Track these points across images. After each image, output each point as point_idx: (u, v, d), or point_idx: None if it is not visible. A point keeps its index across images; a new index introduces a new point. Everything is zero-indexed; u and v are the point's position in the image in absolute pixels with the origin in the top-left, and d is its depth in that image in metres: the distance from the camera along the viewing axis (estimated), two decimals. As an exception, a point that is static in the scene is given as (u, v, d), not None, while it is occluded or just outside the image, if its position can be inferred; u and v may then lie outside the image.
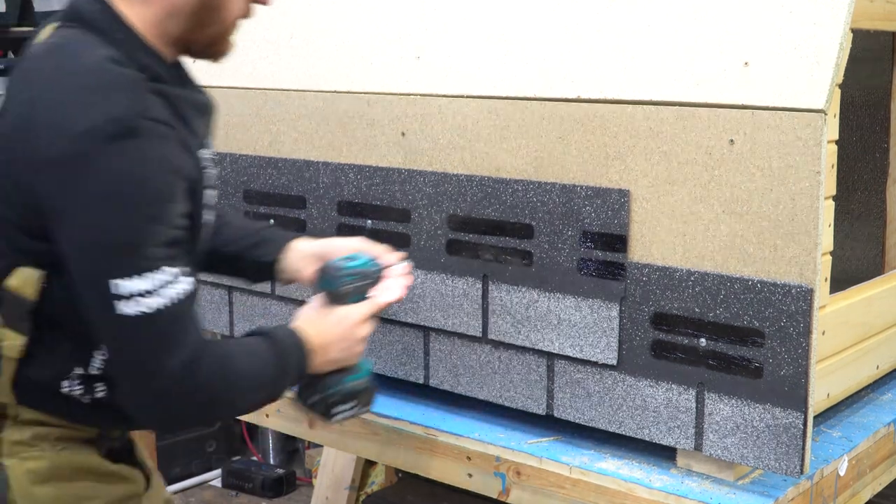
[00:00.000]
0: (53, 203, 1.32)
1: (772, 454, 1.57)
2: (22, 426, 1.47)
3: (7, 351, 1.43)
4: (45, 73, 1.37)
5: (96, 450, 1.52)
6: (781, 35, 1.57)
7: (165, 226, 1.34)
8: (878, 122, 2.34)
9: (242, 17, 1.52)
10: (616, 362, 1.70)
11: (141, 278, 1.31)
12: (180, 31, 1.46)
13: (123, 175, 1.30)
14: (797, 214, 1.51)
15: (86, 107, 1.30)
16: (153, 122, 1.33)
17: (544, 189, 1.75)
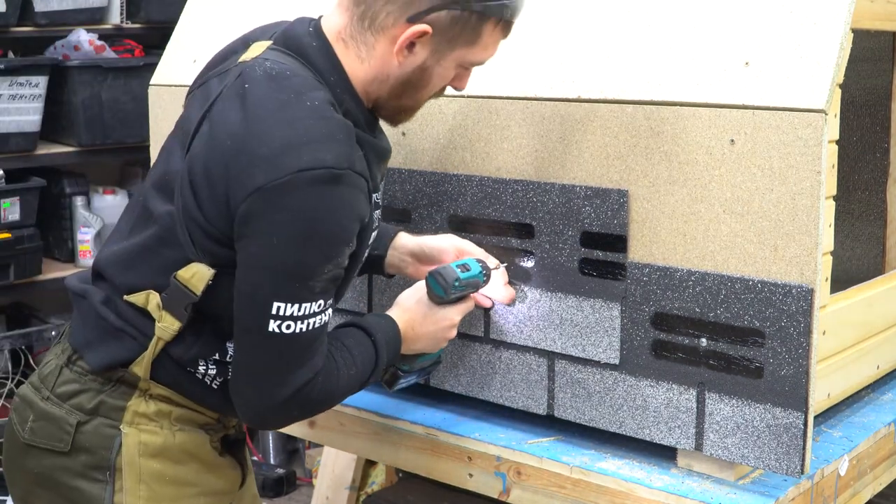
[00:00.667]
0: (251, 223, 1.43)
1: (772, 454, 1.57)
2: (149, 400, 1.57)
3: (161, 332, 1.54)
4: (266, 102, 1.47)
5: (209, 437, 1.63)
6: (782, 35, 1.57)
7: (334, 265, 1.48)
8: (879, 121, 2.34)
9: (435, 96, 1.65)
10: (618, 362, 1.70)
11: (298, 306, 1.45)
12: (379, 94, 1.58)
13: (317, 215, 1.43)
14: (798, 214, 1.51)
15: (303, 150, 1.42)
16: (355, 175, 1.46)
17: (544, 189, 1.75)
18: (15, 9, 3.75)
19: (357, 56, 1.55)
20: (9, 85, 3.62)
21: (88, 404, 1.56)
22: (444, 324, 1.71)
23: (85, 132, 3.85)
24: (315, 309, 1.47)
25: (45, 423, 1.58)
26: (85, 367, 1.58)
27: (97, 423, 1.56)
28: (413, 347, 1.71)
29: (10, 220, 3.66)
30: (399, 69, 1.54)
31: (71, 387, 1.58)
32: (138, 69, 3.87)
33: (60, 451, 1.56)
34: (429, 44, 1.53)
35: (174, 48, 2.40)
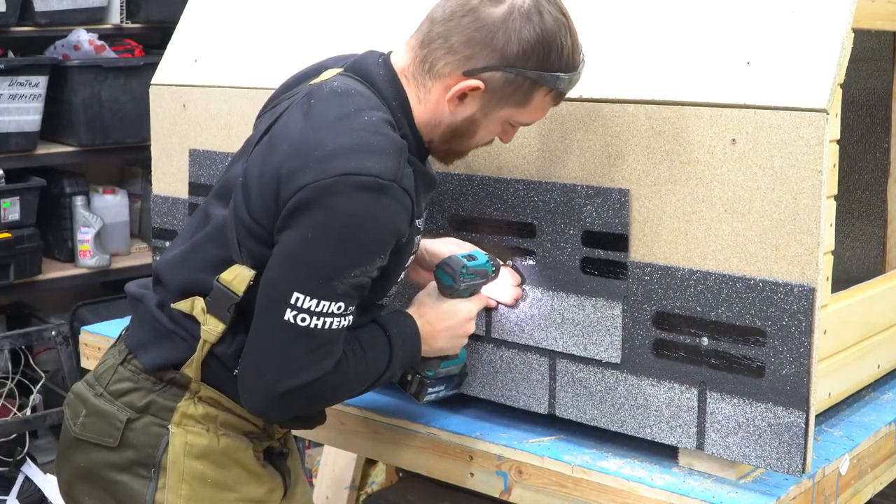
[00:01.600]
0: (293, 216, 1.49)
1: (773, 453, 1.57)
2: (198, 402, 1.62)
3: (206, 335, 1.59)
4: (327, 113, 1.54)
5: (253, 445, 1.66)
6: (783, 35, 1.57)
7: (361, 272, 1.51)
8: (879, 121, 2.34)
9: (483, 145, 1.71)
10: (620, 361, 1.70)
11: (317, 301, 1.49)
12: (432, 136, 1.65)
13: (354, 220, 1.47)
14: (799, 214, 1.51)
15: (353, 156, 1.48)
16: (401, 190, 1.51)
17: (546, 188, 1.75)
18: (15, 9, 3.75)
19: (416, 95, 1.62)
20: (9, 85, 3.62)
21: (140, 402, 1.61)
22: (460, 316, 1.73)
23: (85, 132, 3.86)
24: (334, 310, 1.50)
25: (96, 419, 1.63)
26: (139, 367, 1.63)
27: (146, 422, 1.61)
28: (433, 346, 1.73)
29: (10, 219, 3.67)
30: (450, 117, 1.61)
31: (124, 385, 1.63)
32: (138, 69, 3.87)
33: (108, 447, 1.61)
34: (479, 99, 1.59)
35: (175, 48, 2.40)
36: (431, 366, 1.76)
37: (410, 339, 1.69)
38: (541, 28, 1.55)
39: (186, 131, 2.30)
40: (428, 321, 1.72)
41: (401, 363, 1.69)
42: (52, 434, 4.17)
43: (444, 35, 1.57)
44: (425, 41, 1.60)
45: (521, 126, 1.67)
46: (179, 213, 2.32)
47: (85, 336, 2.48)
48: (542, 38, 1.55)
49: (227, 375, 1.61)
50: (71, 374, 3.63)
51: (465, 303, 1.74)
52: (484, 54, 1.55)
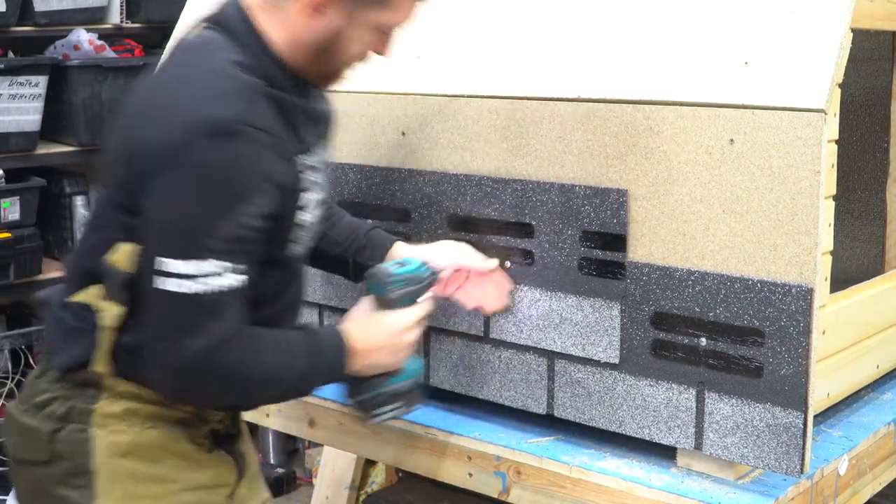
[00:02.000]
0: (147, 184, 1.43)
1: (772, 453, 1.57)
2: (116, 399, 1.55)
3: (106, 321, 1.52)
4: (172, 70, 1.52)
5: (190, 433, 1.59)
6: (782, 35, 1.57)
7: (231, 223, 1.43)
8: (878, 121, 2.34)
9: (358, 62, 1.61)
10: (618, 361, 1.70)
11: (185, 262, 1.41)
12: (299, 60, 1.55)
13: (206, 169, 1.41)
14: (797, 214, 1.51)
15: (196, 105, 1.43)
16: (252, 129, 1.43)
17: (544, 189, 1.75)
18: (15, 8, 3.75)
19: (278, 23, 1.53)
20: (9, 85, 3.61)
21: (60, 411, 1.56)
22: (396, 327, 1.64)
23: (85, 132, 3.85)
24: (212, 269, 1.42)
25: (25, 437, 1.58)
26: (55, 375, 1.57)
27: (69, 430, 1.55)
28: (372, 361, 1.63)
29: (10, 219, 3.66)
30: (312, 34, 1.52)
31: (44, 396, 1.58)
32: (138, 69, 3.86)
33: (42, 462, 1.56)
34: (338, 7, 1.51)
35: (174, 48, 2.40)
36: (375, 384, 1.65)
37: (337, 348, 1.59)
38: None
39: (185, 131, 2.29)
40: (362, 335, 1.62)
41: (328, 373, 1.59)
42: (52, 434, 4.17)
43: None
44: None
45: (392, 31, 1.58)
46: (178, 213, 2.32)
47: (84, 336, 2.47)
48: None
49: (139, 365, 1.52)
50: (71, 374, 3.63)
51: (399, 313, 1.66)
52: None
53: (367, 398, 1.67)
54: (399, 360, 1.66)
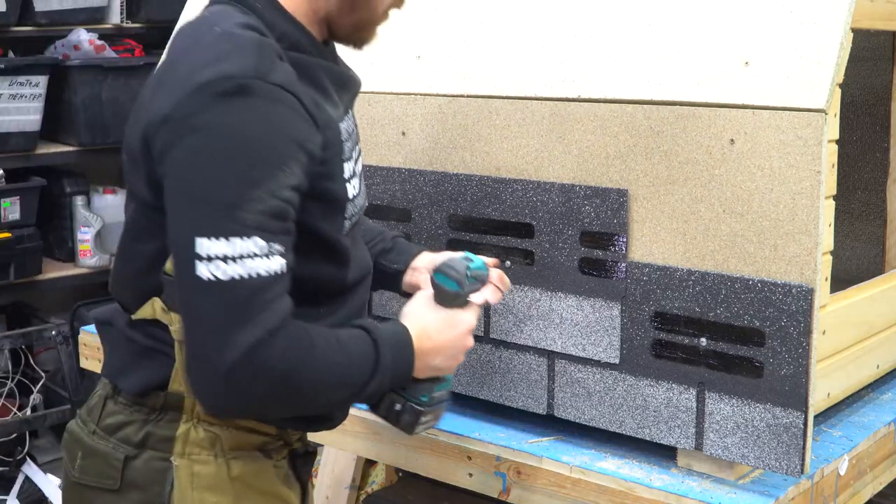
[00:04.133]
0: (166, 157, 1.29)
1: (772, 454, 1.57)
2: (198, 424, 1.43)
3: (178, 334, 1.39)
4: (181, 43, 1.39)
5: (272, 460, 1.48)
6: (782, 35, 1.57)
7: (268, 193, 1.26)
8: (879, 121, 2.34)
9: (394, 6, 1.49)
10: (618, 361, 1.70)
11: (226, 242, 1.24)
12: (328, 11, 1.44)
13: (228, 130, 1.26)
14: (797, 214, 1.51)
15: (204, 66, 1.29)
16: (270, 85, 1.29)
17: (544, 189, 1.75)
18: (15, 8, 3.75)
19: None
20: (9, 85, 3.62)
21: (136, 437, 1.44)
22: (461, 328, 1.51)
23: (85, 132, 3.86)
24: (253, 249, 1.25)
25: (93, 460, 1.46)
26: (127, 398, 1.46)
27: (147, 457, 1.43)
28: (431, 363, 1.48)
29: (10, 219, 3.67)
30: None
31: (117, 419, 1.46)
32: (138, 69, 3.87)
33: (110, 489, 1.44)
34: None
35: (174, 48, 2.40)
36: (425, 390, 1.50)
37: (402, 346, 1.44)
38: None
39: (185, 131, 2.29)
40: (427, 334, 1.47)
41: (391, 375, 1.42)
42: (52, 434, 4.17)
43: None
44: None
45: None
46: (178, 213, 2.32)
47: (85, 336, 2.48)
48: None
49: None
50: (71, 374, 3.64)
51: (464, 313, 1.52)
52: None
53: (414, 404, 1.50)
54: (455, 365, 1.53)
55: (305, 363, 1.31)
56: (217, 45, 1.32)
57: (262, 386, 1.28)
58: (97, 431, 1.48)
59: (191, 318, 1.28)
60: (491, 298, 1.59)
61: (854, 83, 2.30)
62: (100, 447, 1.46)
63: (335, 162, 1.40)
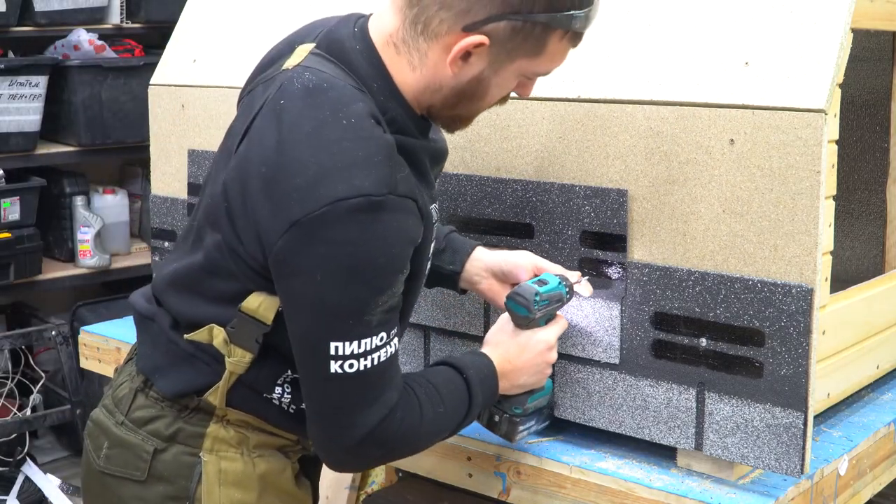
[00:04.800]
0: (291, 260, 1.34)
1: (772, 454, 1.57)
2: (227, 425, 1.51)
3: (233, 367, 1.48)
4: (301, 120, 1.37)
5: (290, 460, 1.57)
6: (782, 35, 1.57)
7: (390, 295, 1.37)
8: (878, 121, 2.34)
9: (497, 105, 1.53)
10: (618, 361, 1.70)
11: (357, 343, 1.35)
12: (432, 103, 1.47)
13: (360, 247, 1.32)
14: (797, 214, 1.51)
15: (339, 176, 1.31)
16: (399, 198, 1.35)
17: (544, 189, 1.75)
18: (15, 9, 3.75)
19: (409, 63, 1.43)
20: (9, 85, 3.62)
21: (166, 431, 1.50)
22: (540, 347, 1.60)
23: (85, 132, 3.86)
24: (377, 343, 1.37)
25: (120, 451, 1.52)
26: (160, 394, 1.51)
27: (176, 451, 1.49)
28: (517, 383, 1.61)
29: (10, 219, 3.67)
30: (453, 79, 1.42)
31: (147, 412, 1.51)
32: (138, 69, 3.87)
33: (136, 480, 1.50)
34: (486, 55, 1.40)
35: (174, 48, 2.40)
36: (518, 402, 1.64)
37: (489, 378, 1.56)
38: None
39: (185, 132, 2.30)
40: (507, 358, 1.59)
41: (482, 405, 1.57)
42: (52, 434, 4.18)
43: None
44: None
45: (539, 76, 1.49)
46: (178, 213, 2.32)
47: (85, 336, 2.48)
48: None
49: (255, 400, 1.51)
50: (71, 375, 3.64)
51: (541, 332, 1.61)
52: (482, 4, 1.35)
53: (510, 416, 1.65)
54: (542, 379, 1.64)
55: (418, 425, 1.46)
56: (348, 146, 1.33)
57: (384, 451, 1.46)
58: (125, 423, 1.52)
59: (320, 402, 1.41)
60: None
61: (854, 83, 2.30)
62: (128, 438, 1.51)
63: (426, 246, 1.49)
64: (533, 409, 1.67)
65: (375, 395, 1.40)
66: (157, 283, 1.57)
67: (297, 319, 1.39)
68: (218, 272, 1.46)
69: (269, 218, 1.35)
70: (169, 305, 1.53)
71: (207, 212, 1.48)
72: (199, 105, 2.26)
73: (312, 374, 1.40)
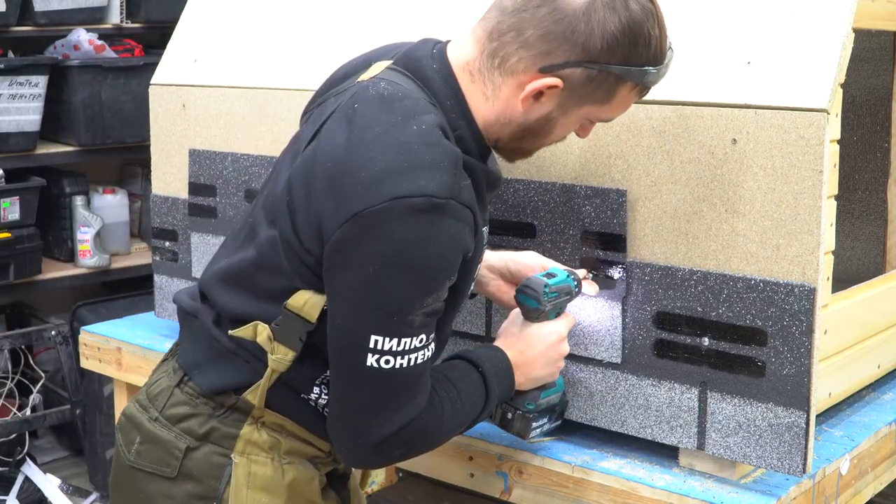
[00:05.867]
0: (345, 251, 1.36)
1: (774, 453, 1.57)
2: (261, 428, 1.51)
3: (275, 364, 1.48)
4: (373, 123, 1.39)
5: (318, 472, 1.56)
6: (784, 34, 1.57)
7: (435, 299, 1.39)
8: (880, 121, 2.34)
9: (557, 142, 1.55)
10: (620, 361, 1.70)
11: (397, 341, 1.37)
12: (500, 136, 1.50)
13: (416, 246, 1.34)
14: (799, 213, 1.51)
15: (404, 175, 1.34)
16: (459, 205, 1.37)
17: (545, 188, 1.75)
18: (15, 8, 3.75)
19: (482, 92, 1.47)
20: (9, 84, 3.61)
21: (199, 429, 1.50)
22: (551, 339, 1.61)
23: (85, 132, 3.85)
24: (416, 344, 1.39)
25: (152, 446, 1.52)
26: (196, 390, 1.52)
27: (207, 451, 1.50)
28: (531, 376, 1.61)
29: (10, 219, 3.67)
30: (522, 116, 1.46)
31: (181, 409, 1.52)
32: (138, 69, 3.87)
33: (166, 477, 1.50)
34: (557, 97, 1.44)
35: (174, 48, 2.40)
36: (531, 398, 1.65)
37: (504, 372, 1.57)
38: (627, 18, 1.39)
39: (186, 131, 2.30)
40: (519, 351, 1.60)
41: (498, 399, 1.58)
42: (51, 434, 4.17)
43: (516, 27, 1.41)
44: (494, 33, 1.43)
45: (601, 122, 1.54)
46: (179, 213, 2.32)
47: (85, 336, 2.48)
48: (629, 28, 1.39)
49: (293, 399, 1.51)
50: (71, 374, 3.63)
51: (552, 324, 1.62)
52: (563, 49, 1.40)
53: (523, 413, 1.65)
54: (555, 373, 1.65)
55: (439, 424, 1.47)
56: (416, 149, 1.36)
57: (404, 451, 1.47)
58: (159, 419, 1.53)
59: (349, 394, 1.42)
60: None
61: (855, 83, 2.30)
62: (161, 434, 1.52)
63: (474, 263, 1.50)
64: (545, 405, 1.67)
65: (407, 397, 1.41)
66: (206, 279, 1.58)
67: (341, 310, 1.39)
68: (268, 268, 1.47)
69: (331, 210, 1.37)
70: (215, 300, 1.53)
71: (266, 209, 1.50)
72: (200, 105, 2.26)
73: (347, 368, 1.40)
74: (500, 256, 1.73)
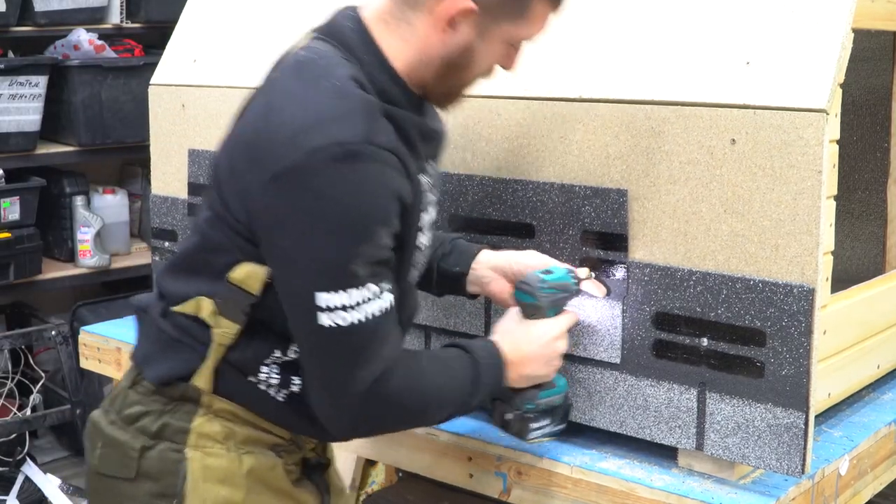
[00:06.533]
0: (270, 213, 1.38)
1: (773, 454, 1.57)
2: (213, 418, 1.50)
3: (220, 338, 1.48)
4: (288, 86, 1.43)
5: (283, 460, 1.55)
6: (783, 34, 1.57)
7: (375, 246, 1.38)
8: (879, 121, 2.34)
9: (483, 77, 1.55)
10: (619, 361, 1.70)
11: (344, 293, 1.36)
12: (423, 76, 1.50)
13: (339, 196, 1.35)
14: (798, 214, 1.51)
15: (316, 128, 1.36)
16: (377, 148, 1.37)
17: (545, 189, 1.75)
18: (15, 9, 3.75)
19: (400, 37, 1.47)
20: (9, 85, 3.62)
21: (153, 427, 1.50)
22: (548, 336, 1.61)
23: (85, 132, 3.86)
24: (368, 296, 1.38)
25: (111, 450, 1.52)
26: (148, 387, 1.52)
27: (162, 448, 1.49)
28: (524, 373, 1.60)
29: (10, 219, 3.67)
30: (443, 48, 1.46)
31: (135, 409, 1.52)
32: (138, 69, 3.87)
33: (126, 479, 1.50)
34: (473, 20, 1.45)
35: (174, 48, 2.40)
36: (529, 398, 1.64)
37: (495, 360, 1.57)
38: None
39: (185, 131, 2.30)
40: (514, 346, 1.59)
41: (490, 388, 1.56)
42: (52, 434, 4.17)
43: None
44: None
45: (521, 44, 1.52)
46: (178, 213, 2.32)
47: (84, 336, 2.48)
48: None
49: (242, 383, 1.49)
50: (71, 374, 3.64)
51: (549, 321, 1.62)
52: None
53: (521, 413, 1.65)
54: (552, 371, 1.64)
55: (420, 386, 1.47)
56: (333, 103, 1.38)
57: (386, 410, 1.45)
58: (116, 421, 1.54)
59: (316, 361, 1.42)
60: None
61: (854, 83, 2.30)
62: (118, 437, 1.52)
63: (414, 212, 1.48)
64: (545, 406, 1.67)
65: (372, 351, 1.40)
66: (159, 277, 1.59)
67: (284, 275, 1.41)
68: (210, 248, 1.49)
69: (252, 176, 1.39)
70: (165, 290, 1.54)
71: (204, 197, 1.54)
72: (200, 105, 2.26)
73: (306, 334, 1.41)
74: (500, 256, 1.72)
